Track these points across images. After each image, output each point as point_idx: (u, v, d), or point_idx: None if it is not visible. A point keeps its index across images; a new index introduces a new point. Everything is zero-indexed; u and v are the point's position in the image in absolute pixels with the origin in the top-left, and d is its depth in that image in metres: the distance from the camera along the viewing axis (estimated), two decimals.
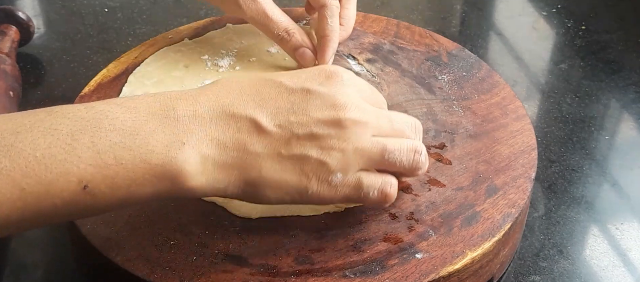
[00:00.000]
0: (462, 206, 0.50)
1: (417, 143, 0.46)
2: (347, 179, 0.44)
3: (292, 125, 0.42)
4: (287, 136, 0.42)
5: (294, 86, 0.44)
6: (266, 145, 0.42)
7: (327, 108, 0.43)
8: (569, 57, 0.77)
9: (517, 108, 0.59)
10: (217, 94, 0.43)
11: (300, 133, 0.42)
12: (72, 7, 0.85)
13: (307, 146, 0.42)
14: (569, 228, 0.56)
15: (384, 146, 0.44)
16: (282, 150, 0.42)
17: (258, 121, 0.42)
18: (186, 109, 0.41)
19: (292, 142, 0.42)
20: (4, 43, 0.70)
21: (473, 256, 0.46)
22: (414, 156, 0.46)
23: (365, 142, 0.44)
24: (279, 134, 0.42)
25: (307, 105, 0.43)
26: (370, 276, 0.44)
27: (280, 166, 0.42)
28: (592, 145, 0.65)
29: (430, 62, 0.65)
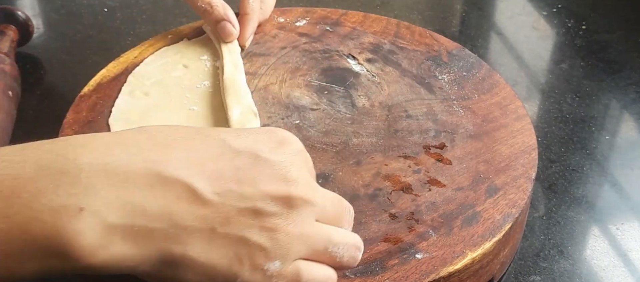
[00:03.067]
0: (462, 206, 0.49)
1: (358, 238, 0.40)
2: (285, 269, 0.37)
3: (233, 196, 0.35)
4: (226, 210, 0.35)
5: (241, 148, 0.37)
6: (198, 218, 0.34)
7: (277, 181, 0.37)
8: (569, 57, 0.77)
9: (517, 108, 0.59)
10: (138, 145, 0.34)
11: (242, 207, 0.35)
12: (72, 7, 0.85)
13: (247, 224, 0.35)
14: (569, 228, 0.56)
15: (330, 236, 0.38)
16: (217, 226, 0.35)
17: (192, 187, 0.34)
18: (92, 161, 0.33)
19: (231, 217, 0.35)
20: (3, 43, 0.70)
21: (473, 256, 0.46)
22: (355, 254, 0.40)
23: (311, 228, 0.38)
24: (217, 205, 0.35)
25: (254, 174, 0.36)
26: (370, 276, 0.44)
27: (210, 246, 0.35)
28: (592, 145, 0.65)
29: (430, 62, 0.65)
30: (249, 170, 0.36)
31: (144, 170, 0.34)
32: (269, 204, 0.36)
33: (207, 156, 0.36)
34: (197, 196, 0.34)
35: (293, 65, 0.64)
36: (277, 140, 0.39)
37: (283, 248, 0.36)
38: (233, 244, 0.35)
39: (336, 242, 0.39)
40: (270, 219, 0.36)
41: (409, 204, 0.50)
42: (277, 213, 0.36)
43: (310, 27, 0.69)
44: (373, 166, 0.53)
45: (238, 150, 0.37)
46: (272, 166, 0.37)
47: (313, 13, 0.71)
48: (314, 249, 0.38)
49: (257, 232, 0.36)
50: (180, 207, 0.34)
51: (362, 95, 0.60)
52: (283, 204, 0.37)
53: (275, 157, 0.37)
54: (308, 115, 0.58)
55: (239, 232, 0.35)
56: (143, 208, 0.33)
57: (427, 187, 0.51)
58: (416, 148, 0.55)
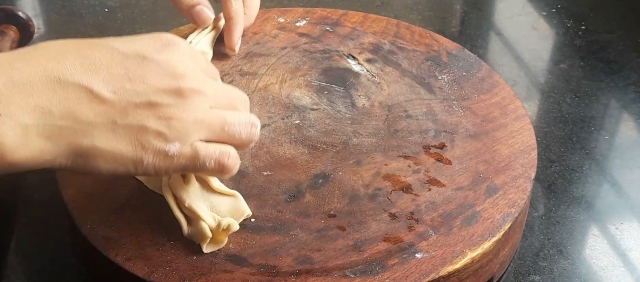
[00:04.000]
0: (462, 205, 0.50)
1: (253, 117, 0.45)
2: (184, 150, 0.41)
3: (128, 92, 0.40)
4: (123, 104, 0.40)
5: (129, 52, 0.41)
6: (100, 113, 0.39)
7: (165, 76, 0.41)
8: (568, 57, 0.77)
9: (517, 108, 0.59)
10: (38, 58, 0.39)
11: (137, 101, 0.40)
12: (72, 7, 0.85)
13: (145, 114, 0.40)
14: (568, 228, 0.57)
15: (224, 118, 0.43)
16: (117, 119, 0.40)
17: (90, 88, 0.39)
18: (1, 76, 0.37)
19: (129, 110, 0.40)
20: (3, 43, 0.70)
21: (473, 255, 0.46)
22: (251, 129, 0.44)
23: (205, 113, 0.42)
24: (114, 101, 0.39)
25: (144, 73, 0.41)
26: (370, 276, 0.44)
27: (114, 136, 0.40)
28: (592, 145, 0.65)
29: (430, 62, 0.65)
30: (138, 69, 0.40)
31: (45, 78, 0.38)
32: (162, 96, 0.41)
33: (99, 62, 0.40)
34: (95, 95, 0.39)
35: (293, 65, 0.64)
36: (162, 43, 0.43)
37: (180, 132, 0.41)
38: (134, 132, 0.40)
39: (231, 122, 0.43)
40: (165, 109, 0.41)
41: (408, 203, 0.50)
42: (170, 103, 0.41)
43: (311, 28, 0.69)
44: (373, 166, 0.53)
45: (126, 54, 0.41)
46: (160, 64, 0.41)
47: (313, 13, 0.71)
48: (211, 130, 0.42)
49: (154, 120, 0.40)
50: (81, 106, 0.39)
51: (362, 95, 0.60)
52: (174, 95, 0.41)
53: (161, 57, 0.42)
54: (308, 115, 0.58)
55: (138, 122, 0.40)
56: (49, 110, 0.38)
57: (427, 187, 0.51)
58: (416, 148, 0.55)
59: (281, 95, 0.60)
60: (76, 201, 0.49)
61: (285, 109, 0.59)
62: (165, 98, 0.41)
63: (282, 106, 0.59)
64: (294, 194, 0.50)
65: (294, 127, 0.57)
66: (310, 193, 0.50)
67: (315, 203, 0.50)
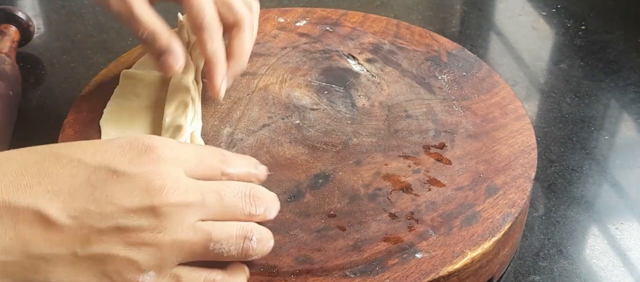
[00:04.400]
0: (462, 205, 0.50)
1: (247, 227, 0.39)
2: (162, 279, 0.36)
3: (91, 216, 0.34)
4: (85, 231, 0.34)
5: (96, 164, 0.35)
6: (56, 244, 0.33)
7: (137, 194, 0.35)
8: (568, 57, 0.77)
9: (517, 108, 0.59)
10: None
11: (102, 227, 0.34)
12: (72, 7, 0.85)
13: (111, 242, 0.34)
14: (568, 228, 0.57)
15: (209, 235, 0.37)
16: (78, 249, 0.34)
17: (44, 213, 0.33)
18: None
19: (92, 238, 0.34)
20: (3, 43, 0.70)
21: (473, 255, 0.46)
22: (244, 244, 0.38)
23: (186, 233, 0.36)
24: (74, 228, 0.33)
25: (112, 191, 0.34)
26: (370, 276, 0.44)
27: (74, 270, 0.34)
28: (592, 145, 0.65)
29: (430, 62, 0.65)
30: (105, 187, 0.34)
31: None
32: (132, 218, 0.35)
33: (61, 179, 0.34)
34: (50, 222, 0.33)
35: (293, 65, 0.64)
36: (138, 149, 0.36)
37: (155, 259, 0.35)
38: (99, 263, 0.34)
39: (217, 240, 0.37)
40: (136, 234, 0.35)
41: (408, 203, 0.50)
42: (143, 226, 0.35)
43: (310, 28, 0.69)
44: (373, 166, 0.53)
45: (94, 167, 0.35)
46: (131, 178, 0.35)
47: (313, 13, 0.71)
48: (193, 252, 0.37)
49: (123, 248, 0.34)
50: (33, 236, 0.33)
51: (362, 95, 0.60)
52: (149, 215, 0.35)
53: (134, 170, 0.35)
54: (308, 115, 0.58)
55: (102, 251, 0.34)
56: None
57: (427, 187, 0.51)
58: (416, 148, 0.55)
59: (281, 95, 0.60)
60: None
61: (285, 109, 0.59)
62: (136, 220, 0.35)
63: (282, 106, 0.59)
64: (294, 194, 0.50)
65: (294, 127, 0.57)
66: (310, 193, 0.50)
67: (315, 203, 0.50)
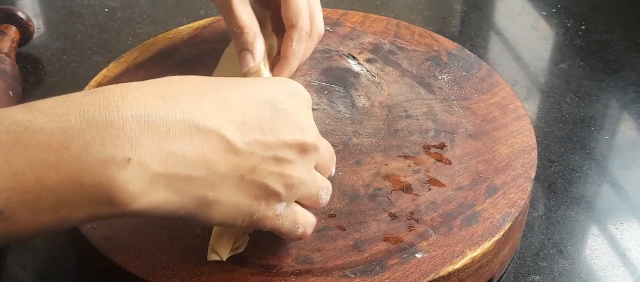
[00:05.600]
0: (462, 205, 0.50)
1: (330, 185, 0.45)
2: (287, 211, 0.41)
3: (259, 145, 0.38)
4: (253, 158, 0.38)
5: (261, 99, 0.39)
6: (232, 166, 0.37)
7: (293, 129, 0.40)
8: (568, 57, 0.77)
9: (517, 108, 0.59)
10: (173, 96, 0.36)
11: (265, 155, 0.38)
12: (72, 7, 0.85)
13: (269, 171, 0.39)
14: (568, 228, 0.57)
15: (321, 183, 0.43)
16: (245, 174, 0.38)
17: (227, 138, 0.37)
18: (135, 113, 0.34)
19: (257, 165, 0.38)
20: (3, 43, 0.70)
21: (473, 255, 0.46)
22: (328, 197, 0.44)
23: (310, 174, 0.42)
24: (247, 154, 0.38)
25: (275, 124, 0.39)
26: (370, 276, 0.44)
27: (237, 191, 0.38)
28: (592, 145, 0.65)
29: (430, 62, 0.65)
30: (270, 120, 0.39)
31: (182, 121, 0.35)
32: (287, 151, 0.39)
33: (235, 106, 0.38)
34: (230, 146, 0.37)
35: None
36: (290, 91, 0.42)
37: (291, 194, 0.40)
38: (255, 188, 0.39)
39: (324, 187, 0.43)
40: (287, 166, 0.39)
41: (408, 203, 0.50)
42: (292, 160, 0.40)
43: None
44: (373, 166, 0.53)
45: (259, 100, 0.39)
46: (289, 115, 0.40)
47: None
48: (308, 193, 0.42)
49: (276, 180, 0.39)
50: (216, 156, 0.36)
51: (362, 95, 0.60)
52: (297, 150, 0.40)
53: (290, 108, 0.40)
54: None
55: (262, 179, 0.38)
56: (184, 157, 0.35)
57: (427, 187, 0.51)
58: (416, 148, 0.55)
59: None
60: None
61: None
62: (289, 153, 0.40)
63: None
64: None
65: None
66: None
67: None
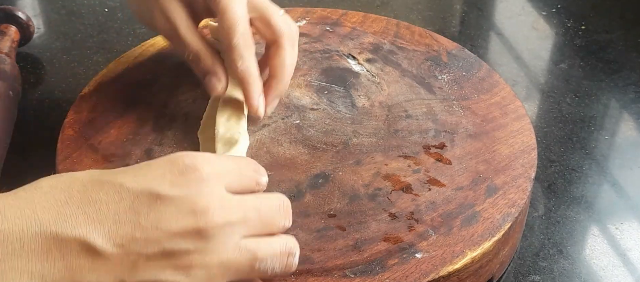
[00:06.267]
0: (462, 205, 0.50)
1: (290, 243, 0.39)
2: None
3: (137, 243, 0.34)
4: (132, 258, 0.34)
5: (139, 189, 0.35)
6: (103, 273, 0.33)
7: (183, 216, 0.35)
8: (568, 57, 0.77)
9: (517, 108, 0.59)
10: (33, 206, 0.33)
11: (149, 252, 0.34)
12: (72, 7, 0.85)
13: (159, 267, 0.34)
14: (568, 228, 0.57)
15: (254, 254, 0.37)
16: (126, 277, 0.34)
17: (90, 242, 0.33)
18: None
19: (139, 265, 0.34)
20: (3, 43, 0.70)
21: (473, 255, 0.46)
22: (287, 260, 0.39)
23: (232, 252, 0.36)
24: (120, 256, 0.34)
25: (156, 216, 0.34)
26: (370, 276, 0.44)
27: None
28: (592, 145, 0.65)
29: (430, 62, 0.65)
30: (150, 213, 0.34)
31: (39, 234, 0.33)
32: (178, 242, 0.35)
33: (105, 207, 0.34)
34: (97, 252, 0.33)
35: None
36: (179, 170, 0.36)
37: (203, 281, 0.35)
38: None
39: (262, 258, 0.38)
40: (184, 257, 0.35)
41: (408, 203, 0.50)
42: (190, 249, 0.35)
43: (310, 27, 0.69)
44: (373, 166, 0.53)
45: (136, 192, 0.35)
46: (175, 202, 0.35)
47: (313, 13, 0.71)
48: (240, 272, 0.37)
49: (171, 273, 0.35)
50: (81, 266, 0.33)
51: (362, 95, 0.60)
52: (195, 237, 0.35)
53: (177, 192, 0.35)
54: (308, 115, 0.58)
55: (151, 278, 0.34)
56: (42, 276, 0.32)
57: (427, 187, 0.51)
58: (416, 148, 0.55)
59: None
60: None
61: (285, 109, 0.59)
62: (183, 243, 0.35)
63: (282, 106, 0.59)
64: (294, 194, 0.50)
65: (294, 127, 0.57)
66: (310, 193, 0.50)
67: (315, 203, 0.50)
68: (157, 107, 0.58)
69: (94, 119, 0.57)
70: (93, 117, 0.57)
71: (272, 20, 0.54)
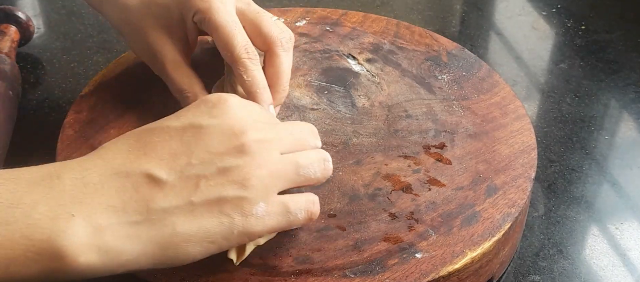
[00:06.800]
0: (462, 205, 0.50)
1: (322, 152, 0.44)
2: (271, 208, 0.40)
3: (194, 168, 0.39)
4: (193, 181, 0.39)
5: (183, 125, 0.40)
6: (172, 197, 0.38)
7: (226, 138, 0.40)
8: (568, 57, 0.77)
9: (517, 108, 0.59)
10: (104, 158, 0.39)
11: (207, 173, 0.39)
12: (72, 7, 0.85)
13: (219, 184, 0.39)
14: (568, 228, 0.57)
15: (297, 162, 0.42)
16: (193, 197, 0.38)
17: (155, 175, 0.38)
18: (73, 177, 0.37)
19: (201, 185, 0.39)
20: (3, 43, 0.70)
21: (473, 255, 0.46)
22: (325, 165, 0.44)
23: (277, 163, 0.41)
24: (183, 181, 0.38)
25: (204, 142, 0.40)
26: (370, 276, 0.44)
27: (195, 217, 0.38)
28: (591, 145, 0.65)
29: (430, 62, 0.65)
30: (198, 141, 0.40)
31: (114, 175, 0.38)
32: (229, 159, 0.39)
33: (159, 144, 0.39)
34: (162, 181, 0.38)
35: (293, 65, 0.64)
36: (212, 104, 0.42)
37: (260, 190, 0.40)
38: (213, 205, 0.39)
39: (304, 164, 0.43)
40: (237, 171, 0.39)
41: (408, 203, 0.50)
42: (240, 164, 0.39)
43: (310, 27, 0.69)
44: (373, 166, 0.53)
45: (181, 128, 0.40)
46: (216, 128, 0.40)
47: (313, 13, 0.71)
48: (287, 179, 0.42)
49: (230, 187, 0.39)
50: (152, 194, 0.38)
51: (362, 95, 0.60)
52: (241, 153, 0.40)
53: (215, 121, 0.41)
54: (308, 115, 0.58)
55: (214, 194, 0.39)
56: (121, 206, 0.37)
57: (427, 187, 0.51)
58: (416, 148, 0.55)
59: None
60: None
61: (285, 109, 0.59)
62: (233, 160, 0.39)
63: (282, 106, 0.59)
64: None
65: None
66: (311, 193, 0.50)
67: None
68: (157, 107, 0.58)
69: (94, 119, 0.57)
70: (93, 117, 0.57)
71: (263, 28, 0.54)
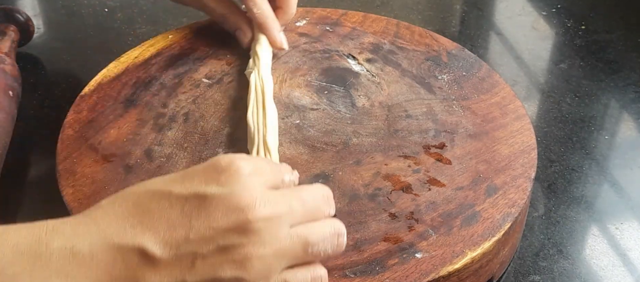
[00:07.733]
0: (462, 205, 0.50)
1: (337, 225, 0.40)
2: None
3: (191, 244, 0.36)
4: (190, 259, 0.36)
5: (186, 193, 0.37)
6: (165, 276, 0.35)
7: (231, 212, 0.36)
8: (568, 57, 0.77)
9: (517, 108, 0.59)
10: (98, 223, 0.36)
11: (205, 251, 0.36)
12: (72, 7, 0.85)
13: (217, 264, 0.36)
14: (568, 228, 0.57)
15: (306, 239, 0.38)
16: (187, 277, 0.36)
17: (148, 250, 0.35)
18: (62, 246, 0.35)
19: (197, 264, 0.36)
20: (3, 43, 0.70)
21: (473, 255, 0.46)
22: (338, 240, 0.40)
23: (284, 241, 0.37)
24: (178, 258, 0.36)
25: (207, 216, 0.36)
26: (370, 276, 0.44)
27: None
28: (592, 145, 0.65)
29: (430, 62, 0.65)
30: (200, 214, 0.36)
31: (106, 246, 0.35)
32: (231, 237, 0.36)
33: (157, 214, 0.36)
34: (155, 258, 0.35)
35: (293, 65, 0.64)
36: (219, 171, 0.38)
37: (262, 271, 0.37)
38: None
39: (314, 242, 0.39)
40: (239, 251, 0.36)
41: (408, 203, 0.50)
42: (243, 243, 0.36)
43: (310, 27, 0.69)
44: (373, 166, 0.53)
45: (185, 197, 0.37)
46: (221, 200, 0.37)
47: (313, 13, 0.71)
48: (293, 258, 0.38)
49: (229, 268, 0.36)
50: (143, 273, 0.35)
51: (362, 95, 0.60)
52: (245, 232, 0.36)
53: (221, 190, 0.37)
54: (308, 115, 0.58)
55: (210, 275, 0.36)
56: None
57: (427, 187, 0.51)
58: (416, 148, 0.55)
59: (281, 95, 0.60)
60: (76, 200, 0.49)
61: (285, 109, 0.59)
62: (235, 238, 0.36)
63: (282, 106, 0.59)
64: None
65: (294, 127, 0.57)
66: None
67: None
68: (157, 107, 0.59)
69: (94, 119, 0.57)
70: (93, 117, 0.57)
71: None
